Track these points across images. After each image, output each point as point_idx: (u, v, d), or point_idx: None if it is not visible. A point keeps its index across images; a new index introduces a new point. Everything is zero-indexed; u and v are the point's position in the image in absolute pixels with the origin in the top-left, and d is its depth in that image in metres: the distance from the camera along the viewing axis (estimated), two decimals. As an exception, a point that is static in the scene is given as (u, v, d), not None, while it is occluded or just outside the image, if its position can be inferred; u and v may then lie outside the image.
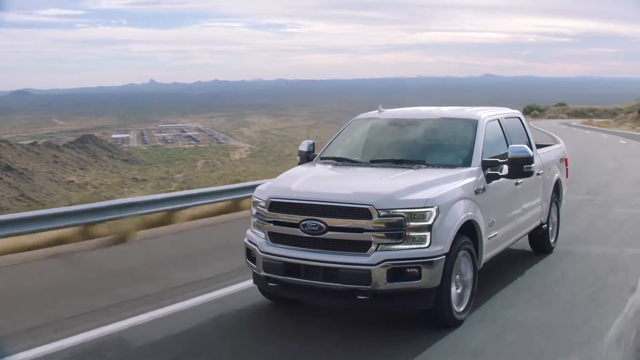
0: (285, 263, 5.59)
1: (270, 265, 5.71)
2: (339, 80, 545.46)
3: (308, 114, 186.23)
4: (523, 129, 8.11)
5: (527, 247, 8.99)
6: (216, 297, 7.06)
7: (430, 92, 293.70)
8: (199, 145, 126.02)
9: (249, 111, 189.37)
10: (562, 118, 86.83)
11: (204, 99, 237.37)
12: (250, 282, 6.75)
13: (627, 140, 39.24)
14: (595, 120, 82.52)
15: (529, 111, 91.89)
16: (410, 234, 5.28)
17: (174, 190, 33.01)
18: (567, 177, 9.59)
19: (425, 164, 6.31)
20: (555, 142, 22.28)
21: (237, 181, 17.39)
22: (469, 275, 5.93)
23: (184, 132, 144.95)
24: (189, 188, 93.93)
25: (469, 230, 5.84)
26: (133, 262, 9.61)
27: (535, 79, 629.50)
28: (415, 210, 5.32)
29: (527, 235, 8.29)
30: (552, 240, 8.85)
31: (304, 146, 7.42)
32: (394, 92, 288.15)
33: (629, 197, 15.38)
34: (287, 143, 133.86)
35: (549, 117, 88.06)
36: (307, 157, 7.30)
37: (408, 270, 5.23)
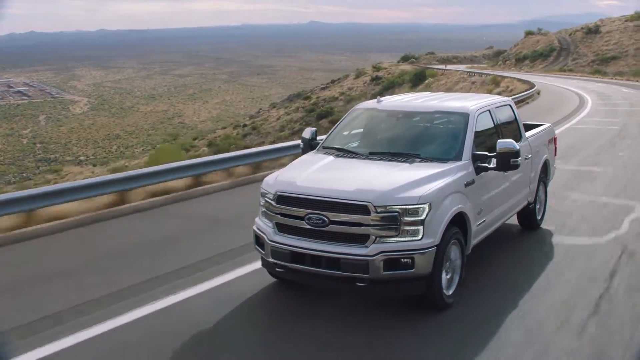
0: (292, 252, 5.93)
1: (277, 253, 6.06)
2: (161, 30, 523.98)
3: (138, 65, 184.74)
4: (514, 116, 8.41)
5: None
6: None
7: (256, 40, 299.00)
8: (33, 101, 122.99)
9: (75, 64, 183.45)
10: (434, 65, 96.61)
11: (22, 52, 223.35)
12: None
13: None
14: (476, 65, 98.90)
15: (407, 59, 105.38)
16: (405, 227, 5.65)
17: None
18: (555, 155, 9.97)
19: (419, 158, 6.61)
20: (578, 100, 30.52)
21: (132, 133, 22.44)
22: (458, 262, 6.27)
23: (12, 87, 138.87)
24: (42, 142, 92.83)
25: (458, 220, 6.19)
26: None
27: (360, 26, 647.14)
28: (410, 206, 5.67)
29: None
30: (539, 217, 9.17)
31: (307, 134, 7.68)
32: (220, 41, 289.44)
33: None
34: (125, 95, 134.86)
35: (424, 64, 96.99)
36: (310, 145, 7.56)
37: (402, 260, 5.61)
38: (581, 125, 21.50)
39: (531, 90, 34.82)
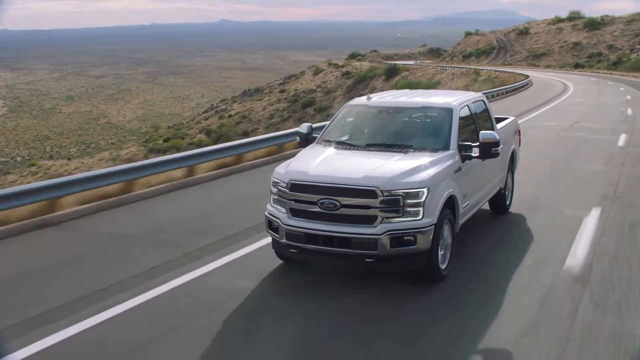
0: (306, 233, 6.50)
1: (292, 235, 6.61)
2: (69, 29, 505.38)
3: (50, 67, 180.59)
4: (486, 109, 9.02)
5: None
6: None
7: (169, 39, 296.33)
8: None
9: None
10: (379, 62, 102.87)
11: None
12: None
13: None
14: (427, 61, 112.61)
15: (354, 56, 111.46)
16: (407, 209, 6.30)
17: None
18: (519, 145, 10.67)
19: (412, 148, 7.23)
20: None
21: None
22: (449, 239, 6.96)
23: None
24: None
25: (449, 203, 6.83)
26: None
27: (272, 24, 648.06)
28: (411, 190, 6.32)
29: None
30: (507, 202, 9.85)
31: (304, 128, 8.15)
32: (132, 41, 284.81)
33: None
34: (42, 97, 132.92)
35: (370, 61, 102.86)
36: (307, 139, 8.01)
37: (406, 238, 6.28)
38: (581, 86, 45.16)
39: (527, 80, 49.10)
